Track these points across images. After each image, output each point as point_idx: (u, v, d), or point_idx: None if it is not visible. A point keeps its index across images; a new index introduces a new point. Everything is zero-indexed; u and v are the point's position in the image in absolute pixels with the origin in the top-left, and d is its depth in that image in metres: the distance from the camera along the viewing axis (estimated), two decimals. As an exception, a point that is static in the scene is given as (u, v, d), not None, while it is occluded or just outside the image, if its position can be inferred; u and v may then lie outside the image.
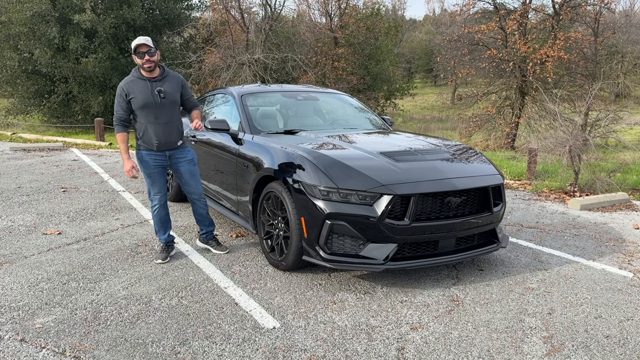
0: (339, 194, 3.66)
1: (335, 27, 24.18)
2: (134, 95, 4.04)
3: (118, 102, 4.08)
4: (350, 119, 5.74)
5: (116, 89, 4.12)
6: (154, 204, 4.30)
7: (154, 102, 4.06)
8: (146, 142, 4.14)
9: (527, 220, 5.84)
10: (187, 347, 2.95)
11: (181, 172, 4.31)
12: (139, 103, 4.04)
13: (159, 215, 4.31)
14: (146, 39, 3.99)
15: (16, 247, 4.60)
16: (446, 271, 4.19)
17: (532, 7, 18.81)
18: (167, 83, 4.14)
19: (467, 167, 4.21)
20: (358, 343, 3.02)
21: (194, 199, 4.44)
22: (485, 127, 18.39)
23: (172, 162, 4.27)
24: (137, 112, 4.08)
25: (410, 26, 53.35)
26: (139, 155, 4.19)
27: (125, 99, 4.05)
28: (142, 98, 4.03)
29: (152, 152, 4.16)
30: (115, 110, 4.11)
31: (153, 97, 4.05)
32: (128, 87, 4.05)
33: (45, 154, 10.58)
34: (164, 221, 4.36)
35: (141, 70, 4.09)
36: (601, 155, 9.09)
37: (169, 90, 4.13)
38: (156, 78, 4.10)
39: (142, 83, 4.06)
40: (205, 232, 4.58)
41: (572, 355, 2.94)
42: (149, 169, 4.18)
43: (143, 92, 4.04)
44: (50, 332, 3.08)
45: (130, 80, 4.09)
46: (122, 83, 4.08)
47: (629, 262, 4.50)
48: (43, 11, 16.59)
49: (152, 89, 4.06)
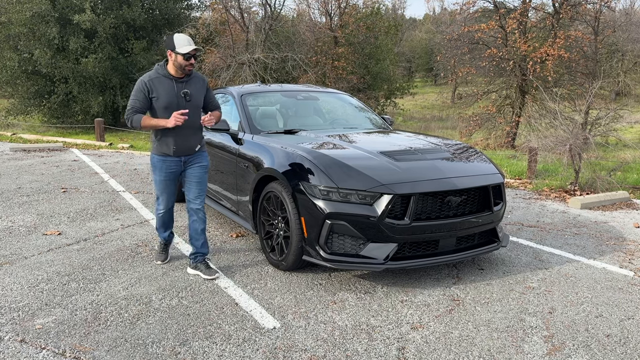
0: (339, 193, 3.66)
1: (335, 27, 24.16)
2: (157, 95, 3.73)
3: (137, 97, 3.72)
4: (350, 119, 5.74)
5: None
6: (160, 209, 4.09)
7: (178, 104, 3.74)
8: (162, 146, 3.83)
9: (528, 219, 5.84)
10: (187, 347, 2.94)
11: (189, 176, 3.97)
12: (162, 103, 3.74)
13: (163, 219, 4.15)
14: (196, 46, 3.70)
15: (16, 248, 4.60)
16: (446, 270, 4.18)
17: (532, 6, 18.78)
18: (192, 85, 3.83)
19: (468, 167, 4.21)
20: (358, 343, 3.02)
21: (193, 209, 3.99)
22: (486, 126, 18.36)
23: (185, 167, 3.96)
24: (158, 112, 3.77)
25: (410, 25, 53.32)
26: (152, 160, 3.92)
27: (147, 95, 3.73)
28: (166, 99, 3.73)
29: (167, 157, 3.85)
30: (132, 105, 3.74)
31: (177, 98, 3.75)
32: (152, 84, 3.73)
33: (46, 154, 10.58)
34: (166, 223, 4.21)
35: (169, 68, 3.76)
36: (601, 153, 9.09)
37: (195, 93, 3.83)
38: (182, 78, 3.79)
39: (168, 82, 3.74)
40: (195, 254, 4.04)
41: (573, 354, 2.93)
42: (160, 175, 3.91)
43: (168, 93, 3.73)
44: (50, 332, 3.08)
45: (155, 77, 3.74)
46: (144, 78, 3.74)
47: (630, 260, 4.49)
48: (43, 11, 16.58)
49: (178, 90, 3.75)
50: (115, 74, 17.79)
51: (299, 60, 19.66)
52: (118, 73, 17.94)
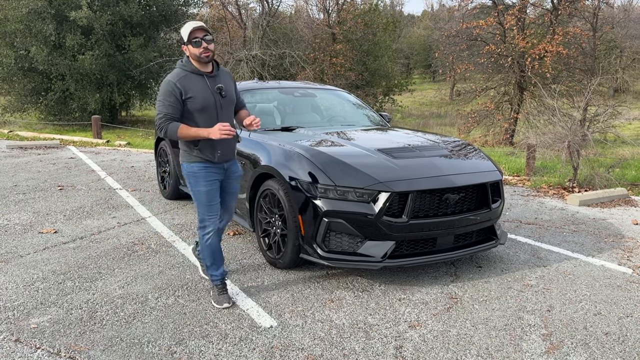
0: (337, 191, 3.64)
1: (333, 23, 24.12)
2: (192, 95, 3.21)
3: (168, 101, 3.19)
4: (348, 116, 5.71)
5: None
6: (207, 231, 3.39)
7: (215, 102, 3.28)
8: (204, 153, 3.30)
9: (526, 217, 5.82)
10: (183, 346, 2.92)
11: (227, 190, 3.54)
12: (198, 104, 3.23)
13: (212, 245, 3.42)
14: (201, 23, 3.23)
15: (11, 246, 4.57)
16: (444, 268, 4.16)
17: (531, 2, 18.74)
18: (223, 79, 3.39)
19: (466, 164, 4.19)
20: (356, 341, 3.00)
21: (227, 219, 3.69)
22: (484, 123, 18.37)
23: (225, 177, 3.48)
24: (194, 115, 3.25)
25: (409, 22, 53.26)
26: (191, 170, 3.33)
27: (180, 98, 3.20)
28: (203, 98, 3.24)
29: (209, 164, 3.33)
30: (162, 111, 3.20)
31: (214, 96, 3.28)
32: (183, 84, 3.21)
33: (42, 151, 10.53)
34: (217, 252, 3.47)
35: (194, 63, 3.29)
36: (600, 150, 9.07)
37: (228, 87, 3.38)
38: (212, 73, 3.34)
39: (200, 79, 3.26)
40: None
41: (572, 352, 2.92)
42: (205, 185, 3.32)
43: (203, 91, 3.25)
44: (46, 332, 3.05)
45: (184, 75, 3.24)
46: (172, 79, 3.22)
47: (628, 258, 4.48)
48: (39, 8, 16.51)
49: (212, 86, 3.29)
50: (112, 71, 17.73)
51: (296, 57, 19.63)
52: (115, 70, 17.88)
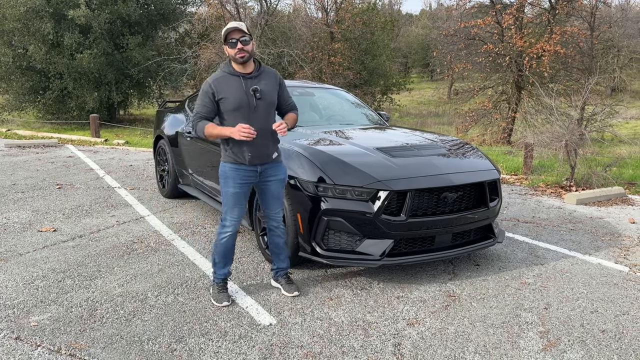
0: (335, 190, 3.65)
1: (332, 22, 24.11)
2: (224, 95, 3.27)
3: (203, 101, 3.32)
4: (346, 115, 5.72)
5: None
6: (224, 231, 3.43)
7: (249, 103, 3.28)
8: (235, 154, 3.33)
9: (524, 215, 5.85)
10: (183, 344, 2.94)
11: (266, 193, 3.49)
12: (230, 104, 3.28)
13: (226, 245, 3.46)
14: (239, 24, 3.27)
15: (11, 245, 4.58)
16: (442, 266, 4.19)
17: (529, 2, 18.76)
18: (263, 80, 3.36)
19: (464, 163, 4.21)
20: (355, 339, 3.02)
21: (272, 227, 3.60)
22: (482, 122, 18.40)
23: (261, 179, 3.44)
24: (227, 115, 3.31)
25: (407, 21, 53.26)
26: (223, 169, 3.40)
27: (213, 99, 3.29)
28: (235, 98, 3.27)
29: (241, 166, 3.34)
30: (197, 110, 3.34)
31: (247, 97, 3.28)
32: (217, 84, 3.29)
33: (41, 150, 10.53)
34: (229, 252, 3.51)
35: (233, 64, 3.34)
36: (597, 149, 9.11)
37: (266, 90, 3.34)
38: (251, 74, 3.33)
39: (235, 80, 3.30)
40: (277, 269, 3.72)
41: (568, 350, 2.94)
42: (234, 187, 3.36)
43: (236, 92, 3.28)
44: (46, 330, 3.07)
45: (220, 76, 3.32)
46: (209, 79, 3.33)
47: (625, 256, 4.51)
48: (37, 7, 16.48)
49: (247, 88, 3.29)
50: (110, 70, 17.70)
51: (295, 56, 19.63)
52: (113, 69, 17.86)
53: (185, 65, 19.16)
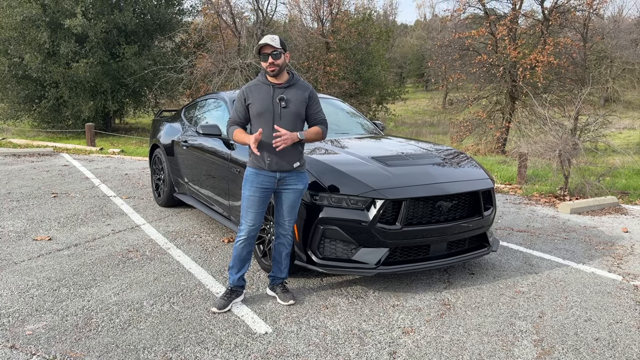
0: (331, 199, 3.68)
1: (327, 32, 24.26)
2: (252, 101, 3.47)
3: (236, 106, 3.56)
4: (342, 124, 5.75)
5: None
6: (240, 235, 3.50)
7: (273, 110, 3.41)
8: (256, 159, 3.45)
9: (518, 224, 5.88)
10: (178, 353, 2.94)
11: (282, 200, 3.54)
12: (256, 110, 3.45)
13: (240, 250, 3.52)
14: (272, 38, 3.40)
15: (6, 253, 4.56)
16: (437, 275, 4.20)
17: (522, 13, 18.96)
18: (292, 91, 3.49)
19: (458, 172, 4.24)
20: (350, 347, 3.03)
21: (281, 234, 3.63)
22: (476, 132, 18.49)
23: (279, 187, 3.50)
24: (254, 120, 3.49)
25: (402, 31, 53.57)
26: (246, 174, 3.52)
27: (244, 103, 3.51)
28: (261, 104, 3.43)
29: (261, 171, 3.45)
30: (231, 115, 3.61)
31: (273, 104, 3.42)
32: (249, 91, 3.51)
33: (36, 159, 10.51)
34: (245, 259, 3.56)
35: (267, 75, 3.51)
36: (591, 159, 9.18)
37: (293, 100, 3.46)
38: (282, 84, 3.48)
39: (265, 88, 3.48)
40: (274, 277, 3.76)
41: (562, 358, 2.96)
42: (249, 189, 3.46)
43: (263, 98, 3.45)
44: (41, 338, 3.06)
45: (254, 84, 3.54)
46: (244, 86, 3.57)
47: (618, 265, 4.54)
48: (33, 16, 16.52)
49: (274, 96, 3.45)
50: (106, 79, 17.73)
51: (290, 66, 19.70)
52: (109, 78, 17.88)
53: (182, 74, 19.20)
